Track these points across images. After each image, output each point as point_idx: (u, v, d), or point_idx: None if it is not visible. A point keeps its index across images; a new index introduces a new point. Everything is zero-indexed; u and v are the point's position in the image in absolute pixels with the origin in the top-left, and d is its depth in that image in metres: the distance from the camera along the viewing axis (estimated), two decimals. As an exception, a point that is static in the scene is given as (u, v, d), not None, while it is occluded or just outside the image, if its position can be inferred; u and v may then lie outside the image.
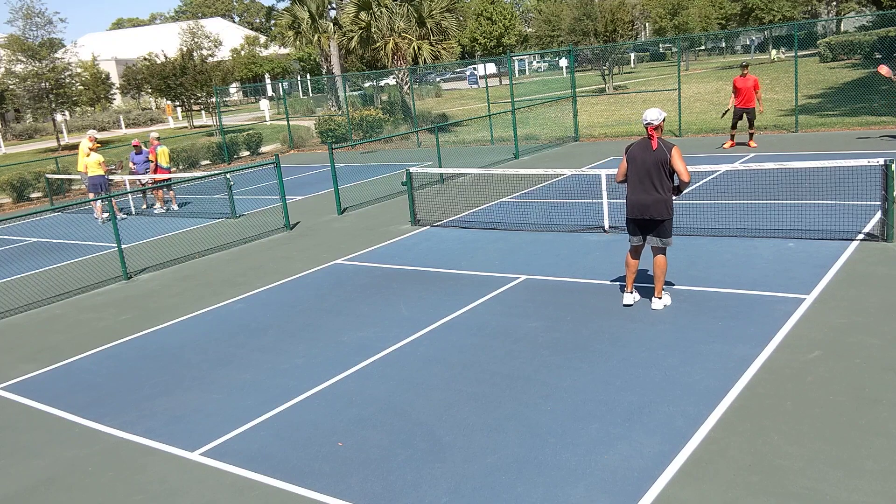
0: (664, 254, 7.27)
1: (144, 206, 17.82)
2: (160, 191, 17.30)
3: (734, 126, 16.68)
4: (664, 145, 6.92)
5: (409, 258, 10.47)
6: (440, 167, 15.52)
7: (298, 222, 13.97)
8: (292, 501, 4.83)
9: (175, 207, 17.30)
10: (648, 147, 6.95)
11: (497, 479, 4.78)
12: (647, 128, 6.99)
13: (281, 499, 4.87)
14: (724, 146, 16.82)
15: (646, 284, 8.01)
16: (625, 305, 7.56)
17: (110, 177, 16.85)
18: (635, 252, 7.40)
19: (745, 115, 16.37)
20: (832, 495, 4.27)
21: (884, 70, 15.13)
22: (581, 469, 4.79)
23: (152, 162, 17.09)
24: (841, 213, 9.98)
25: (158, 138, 17.45)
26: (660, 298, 7.41)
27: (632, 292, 7.57)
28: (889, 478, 4.38)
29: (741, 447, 4.85)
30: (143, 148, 17.32)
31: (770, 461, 4.67)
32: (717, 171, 13.55)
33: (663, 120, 7.00)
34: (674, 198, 7.15)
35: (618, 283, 8.24)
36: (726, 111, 17.08)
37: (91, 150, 16.29)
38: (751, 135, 16.74)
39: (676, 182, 7.10)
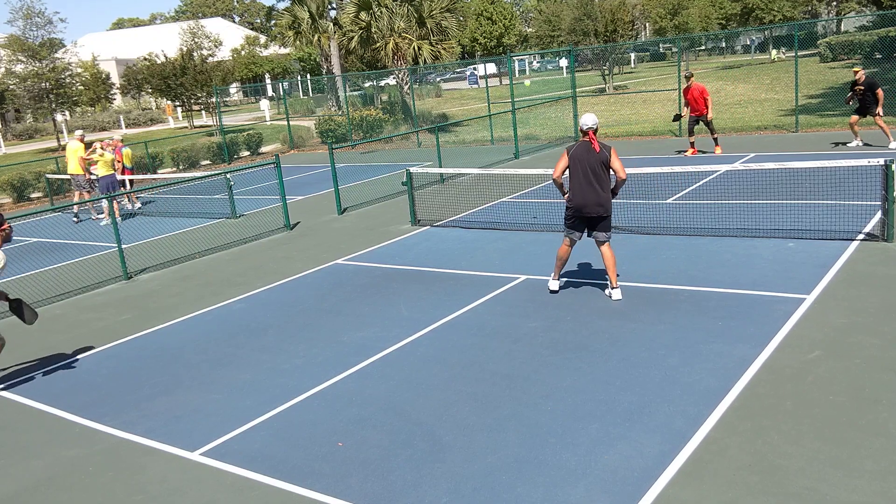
0: (609, 245, 7.71)
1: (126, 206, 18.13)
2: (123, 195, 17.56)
3: (691, 133, 16.25)
4: (604, 147, 7.43)
5: (409, 258, 10.46)
6: (440, 167, 15.52)
7: (298, 222, 13.97)
8: (292, 501, 4.83)
9: (138, 205, 17.74)
10: (591, 149, 7.41)
11: (497, 479, 4.78)
12: (588, 132, 7.43)
13: (281, 499, 4.87)
14: (686, 154, 16.33)
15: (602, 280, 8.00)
16: (552, 292, 8.11)
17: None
18: (571, 245, 7.92)
19: (699, 121, 16.00)
20: (832, 495, 4.27)
21: None
22: (581, 469, 4.78)
23: (119, 163, 17.50)
24: (841, 213, 9.98)
25: (122, 140, 18.12)
26: (617, 288, 7.75)
27: (558, 279, 8.17)
28: (889, 478, 4.37)
29: (741, 447, 4.85)
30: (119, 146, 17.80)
31: (770, 461, 4.66)
32: (717, 171, 13.55)
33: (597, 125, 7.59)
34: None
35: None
36: (679, 116, 16.81)
37: (103, 149, 16.50)
38: (714, 140, 16.33)
39: (613, 182, 7.61)
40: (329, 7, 36.73)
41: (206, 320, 8.82)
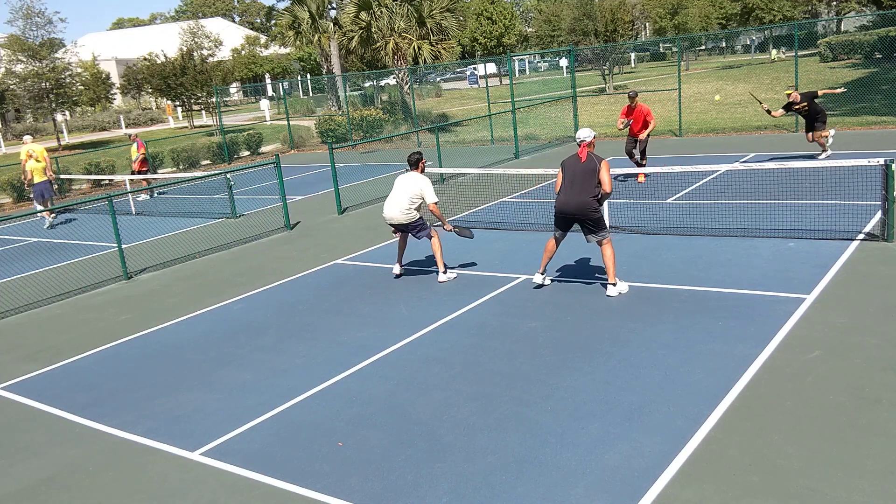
0: (609, 245, 7.94)
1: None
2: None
3: (630, 155, 14.47)
4: (595, 158, 8.03)
5: (409, 258, 10.46)
6: (440, 167, 15.51)
7: (298, 222, 13.97)
8: (292, 501, 4.83)
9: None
10: (578, 159, 8.12)
11: (497, 479, 4.78)
12: (581, 144, 8.12)
13: (281, 499, 4.87)
14: (640, 180, 14.49)
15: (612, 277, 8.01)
16: (535, 286, 8.45)
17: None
18: (557, 241, 8.35)
19: (637, 143, 14.29)
20: (832, 495, 4.27)
21: None
22: (581, 469, 4.78)
23: (142, 155, 18.63)
24: (841, 213, 9.98)
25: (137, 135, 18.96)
26: (614, 285, 7.96)
27: (543, 273, 8.46)
28: (889, 478, 4.37)
29: (741, 447, 4.85)
30: None
31: (770, 461, 4.67)
32: (717, 171, 13.55)
33: (594, 138, 8.25)
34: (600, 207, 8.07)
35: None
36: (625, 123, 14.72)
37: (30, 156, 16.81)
38: (643, 164, 14.21)
39: (599, 193, 7.98)
40: (329, 7, 36.72)
41: (206, 320, 8.82)
